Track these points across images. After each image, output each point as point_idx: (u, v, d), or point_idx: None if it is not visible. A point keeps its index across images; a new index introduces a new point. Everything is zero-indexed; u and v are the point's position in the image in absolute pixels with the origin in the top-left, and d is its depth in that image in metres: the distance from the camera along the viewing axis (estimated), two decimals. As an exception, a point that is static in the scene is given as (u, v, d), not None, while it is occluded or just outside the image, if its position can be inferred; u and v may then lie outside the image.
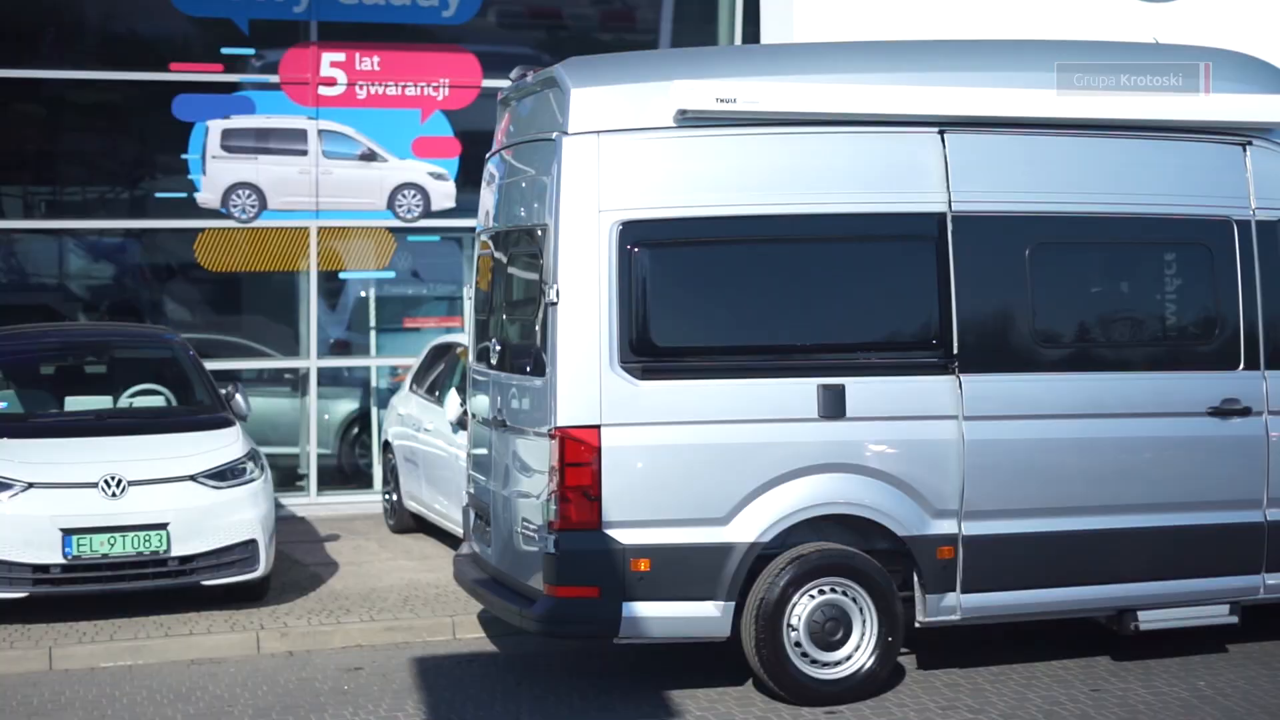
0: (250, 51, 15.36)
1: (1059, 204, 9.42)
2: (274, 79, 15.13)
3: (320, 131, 15.09)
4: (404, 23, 15.50)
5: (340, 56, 15.13)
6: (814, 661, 8.90)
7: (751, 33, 15.97)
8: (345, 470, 16.00)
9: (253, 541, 10.90)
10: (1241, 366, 9.62)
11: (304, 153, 15.07)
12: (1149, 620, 9.48)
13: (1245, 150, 9.74)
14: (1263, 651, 9.93)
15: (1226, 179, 9.73)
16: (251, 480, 11.09)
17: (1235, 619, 9.67)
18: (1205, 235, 9.66)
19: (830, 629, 8.90)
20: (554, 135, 8.90)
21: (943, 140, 9.22)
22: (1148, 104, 9.56)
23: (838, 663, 8.94)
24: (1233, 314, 9.63)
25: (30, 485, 10.53)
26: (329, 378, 15.87)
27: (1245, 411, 9.56)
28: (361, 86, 15.16)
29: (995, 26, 14.93)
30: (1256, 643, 10.06)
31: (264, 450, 11.83)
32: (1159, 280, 9.78)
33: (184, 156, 14.96)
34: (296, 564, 12.45)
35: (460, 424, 11.75)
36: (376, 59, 15.22)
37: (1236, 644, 10.01)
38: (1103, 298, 9.89)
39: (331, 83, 15.11)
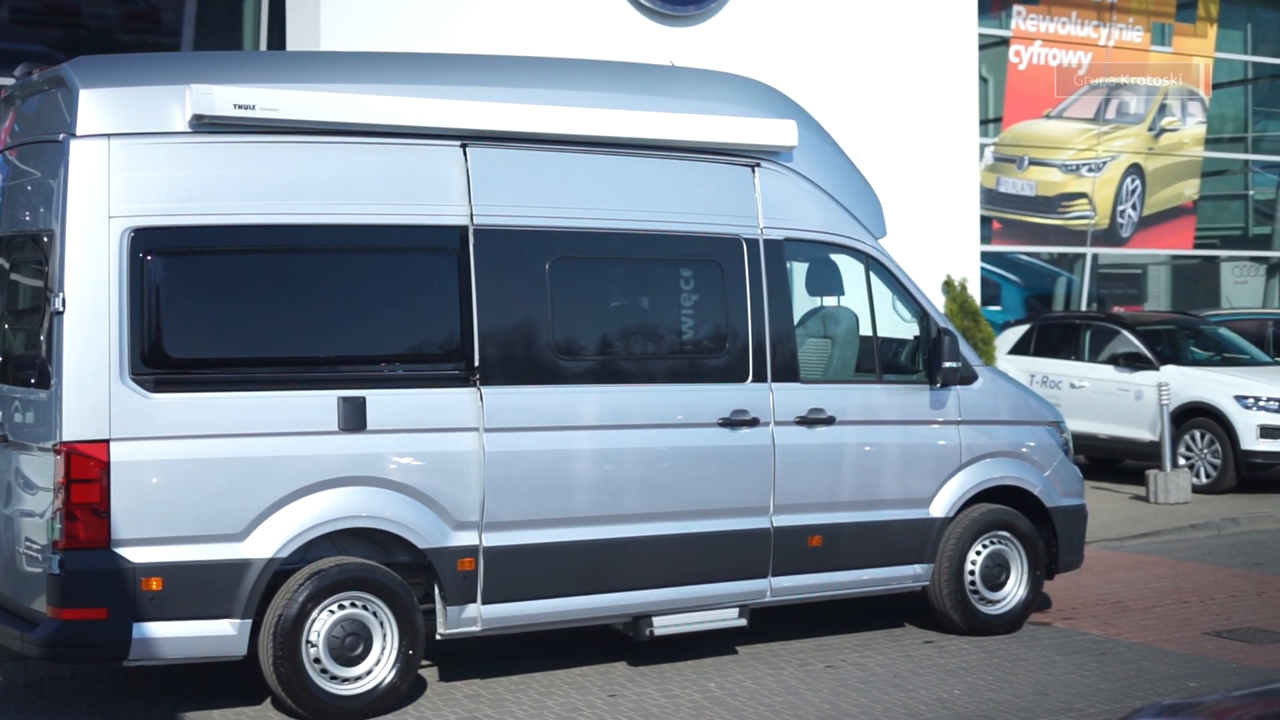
0: None
1: (578, 219, 9.61)
2: None
3: None
4: (-98, 13, 14.66)
5: None
6: (334, 677, 8.79)
7: (278, 40, 15.75)
8: None
9: None
10: (750, 379, 10.01)
11: None
12: (663, 625, 9.78)
13: (754, 172, 10.17)
14: (769, 652, 10.37)
15: (737, 198, 10.13)
16: None
17: (744, 622, 10.06)
18: (716, 252, 10.02)
19: (350, 644, 8.81)
20: (61, 137, 8.52)
21: (465, 154, 9.27)
22: (663, 124, 9.88)
23: (358, 678, 8.85)
24: (742, 329, 10.02)
25: None
26: None
27: (754, 422, 9.97)
28: None
29: (521, 45, 15.17)
30: (764, 644, 10.50)
31: None
32: (675, 296, 10.08)
33: None
34: None
35: (-39, 439, 11.12)
36: None
37: (746, 646, 10.43)
38: (621, 312, 10.13)
39: None
